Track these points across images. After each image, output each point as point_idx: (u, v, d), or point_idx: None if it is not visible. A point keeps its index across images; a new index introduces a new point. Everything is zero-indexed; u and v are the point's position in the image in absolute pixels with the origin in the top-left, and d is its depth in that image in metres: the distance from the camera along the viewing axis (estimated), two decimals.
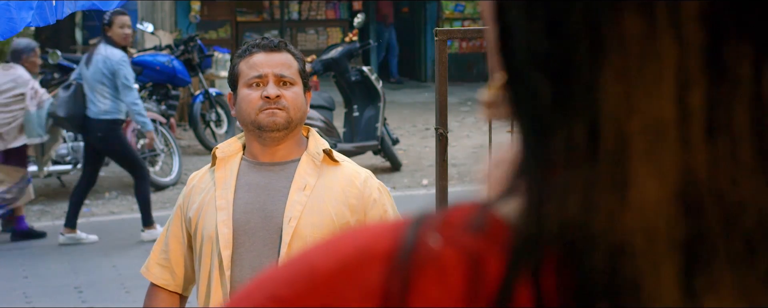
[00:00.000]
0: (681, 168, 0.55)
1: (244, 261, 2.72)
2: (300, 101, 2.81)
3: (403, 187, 9.71)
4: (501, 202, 0.62)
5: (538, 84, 0.58)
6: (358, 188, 2.77)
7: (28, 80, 8.18)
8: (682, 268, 0.55)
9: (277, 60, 2.82)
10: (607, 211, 0.55)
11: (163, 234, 2.92)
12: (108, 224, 8.54)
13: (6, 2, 4.76)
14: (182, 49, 11.45)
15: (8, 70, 8.17)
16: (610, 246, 0.56)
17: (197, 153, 11.31)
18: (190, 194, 2.84)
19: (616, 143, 0.55)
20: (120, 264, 7.33)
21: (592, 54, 0.56)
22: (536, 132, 0.58)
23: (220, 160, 2.81)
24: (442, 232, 0.60)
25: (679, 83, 0.55)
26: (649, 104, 0.55)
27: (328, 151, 2.81)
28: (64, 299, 6.56)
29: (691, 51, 0.55)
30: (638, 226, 0.55)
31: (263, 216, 2.74)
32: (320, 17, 17.36)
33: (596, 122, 0.56)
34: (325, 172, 2.78)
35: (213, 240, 2.73)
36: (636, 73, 0.55)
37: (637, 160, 0.55)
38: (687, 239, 0.55)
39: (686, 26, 0.55)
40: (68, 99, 7.99)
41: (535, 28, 0.57)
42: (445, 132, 3.24)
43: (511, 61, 0.60)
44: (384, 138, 10.07)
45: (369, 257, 0.60)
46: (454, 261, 0.59)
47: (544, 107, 0.57)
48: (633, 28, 0.55)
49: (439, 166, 3.26)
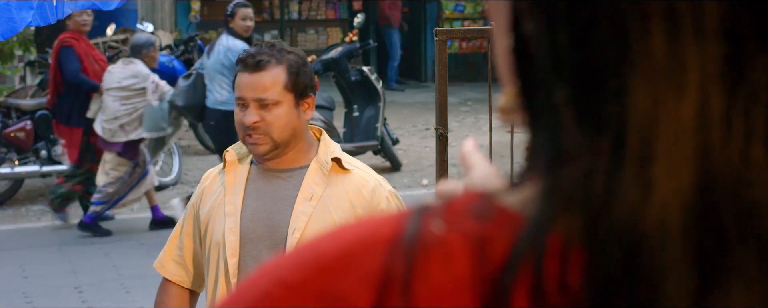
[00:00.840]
0: (700, 171, 0.57)
1: (250, 269, 2.71)
2: (283, 121, 2.75)
3: (403, 187, 9.71)
4: (505, 192, 0.63)
5: (562, 93, 0.59)
6: (366, 198, 2.74)
7: (148, 75, 8.34)
8: (697, 266, 0.57)
9: (257, 83, 2.76)
10: (629, 206, 0.57)
11: (178, 230, 2.91)
12: (108, 225, 8.53)
13: (6, 2, 4.76)
14: (182, 49, 11.45)
15: (128, 65, 8.32)
16: (629, 241, 0.57)
17: (197, 153, 11.31)
18: (203, 195, 2.84)
19: (642, 147, 0.57)
20: (120, 264, 7.33)
21: (620, 63, 0.58)
22: (554, 137, 0.60)
23: (230, 164, 2.80)
24: (445, 219, 0.61)
25: (702, 91, 0.57)
26: (674, 111, 0.57)
27: (338, 160, 2.77)
28: (64, 299, 6.57)
29: (712, 61, 0.57)
30: (658, 224, 0.57)
31: (269, 226, 2.73)
32: (320, 17, 17.36)
33: (623, 126, 0.57)
34: (333, 181, 2.75)
35: (220, 246, 2.73)
36: (663, 81, 0.57)
37: (661, 162, 0.57)
38: (703, 238, 0.57)
39: (709, 36, 0.57)
40: (188, 88, 8.18)
41: (560, 40, 0.59)
42: (445, 132, 3.24)
43: (528, 71, 0.61)
44: (384, 138, 10.07)
45: (373, 242, 0.62)
46: (459, 244, 0.60)
47: (567, 114, 0.59)
48: (659, 37, 0.57)
49: (439, 166, 3.26)
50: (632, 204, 0.57)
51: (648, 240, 0.57)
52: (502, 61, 0.65)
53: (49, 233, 8.42)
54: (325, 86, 12.30)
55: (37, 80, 12.06)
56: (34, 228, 8.62)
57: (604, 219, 0.57)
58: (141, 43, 8.44)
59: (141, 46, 8.40)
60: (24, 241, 8.20)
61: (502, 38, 0.65)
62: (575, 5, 0.58)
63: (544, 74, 0.60)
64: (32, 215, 9.07)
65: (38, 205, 9.42)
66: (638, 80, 0.57)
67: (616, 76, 0.58)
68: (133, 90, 8.28)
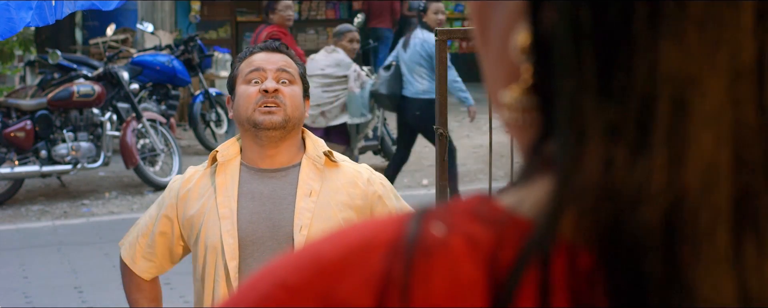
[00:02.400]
0: (734, 126, 0.57)
1: (253, 272, 2.69)
2: (298, 101, 2.79)
3: (403, 187, 9.71)
4: (506, 193, 0.63)
5: (587, 70, 0.58)
6: (361, 188, 2.77)
7: (350, 63, 8.68)
8: (733, 226, 0.57)
9: (277, 57, 2.82)
10: (663, 170, 0.56)
11: (148, 228, 2.90)
12: (108, 224, 8.54)
13: (6, 2, 4.75)
14: (182, 49, 11.45)
15: (331, 54, 8.69)
16: (669, 203, 0.56)
17: (197, 153, 11.31)
18: (188, 198, 2.80)
19: (675, 108, 0.56)
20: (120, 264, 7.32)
21: (651, 23, 0.57)
22: (573, 115, 0.59)
23: (221, 165, 2.78)
24: (446, 222, 0.61)
25: (734, 47, 0.56)
26: (707, 69, 0.56)
27: (329, 153, 2.80)
28: (64, 299, 6.56)
29: (745, 15, 0.57)
30: (698, 183, 0.56)
31: (271, 226, 2.72)
32: (320, 17, 17.36)
33: (654, 90, 0.57)
34: (327, 175, 2.77)
35: (218, 250, 2.71)
36: (695, 41, 0.57)
37: (695, 121, 0.56)
38: (739, 195, 0.57)
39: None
40: (390, 78, 8.53)
41: (582, 15, 0.58)
42: (445, 132, 3.24)
43: (544, 61, 0.60)
44: (384, 138, 10.07)
45: (373, 245, 0.61)
46: (461, 247, 0.60)
47: (587, 97, 0.58)
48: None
49: (439, 166, 3.26)
50: (665, 168, 0.56)
51: (689, 201, 0.56)
52: (497, 62, 0.64)
53: (49, 233, 8.42)
54: None
55: (37, 80, 12.07)
56: (34, 228, 8.62)
57: (635, 193, 0.57)
58: (343, 32, 8.82)
59: (341, 35, 8.79)
60: (24, 241, 8.19)
61: (497, 39, 0.64)
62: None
63: (564, 58, 0.59)
64: (32, 215, 9.07)
65: (38, 205, 9.42)
66: (670, 39, 0.57)
67: (647, 36, 0.57)
68: (334, 77, 8.64)
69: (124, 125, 9.63)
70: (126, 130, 9.55)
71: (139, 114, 9.81)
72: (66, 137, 9.58)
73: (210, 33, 16.40)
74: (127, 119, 9.77)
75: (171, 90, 11.21)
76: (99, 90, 9.64)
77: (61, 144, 9.56)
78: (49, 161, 9.50)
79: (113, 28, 11.72)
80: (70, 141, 9.59)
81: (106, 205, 9.45)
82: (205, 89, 11.33)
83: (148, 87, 10.99)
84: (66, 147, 9.56)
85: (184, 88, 11.78)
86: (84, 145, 9.60)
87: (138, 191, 9.85)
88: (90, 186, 10.13)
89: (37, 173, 9.45)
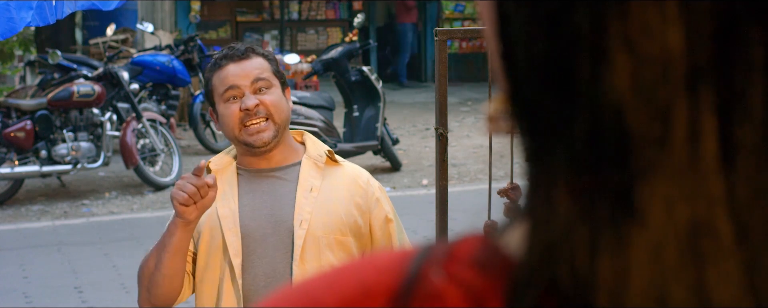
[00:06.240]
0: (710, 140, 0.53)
1: (256, 269, 2.69)
2: (281, 104, 2.76)
3: (403, 187, 9.71)
4: (508, 231, 0.60)
5: (539, 88, 0.55)
6: (362, 187, 2.78)
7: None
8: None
9: (248, 68, 2.76)
10: (610, 262, 0.53)
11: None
12: (108, 224, 8.54)
13: (6, 2, 4.76)
14: (182, 49, 11.46)
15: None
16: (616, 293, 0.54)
17: (197, 153, 11.31)
18: None
19: (619, 144, 0.53)
20: (120, 264, 7.32)
21: (595, 53, 0.53)
22: (539, 147, 0.56)
23: (216, 172, 2.76)
24: (446, 267, 0.59)
25: (689, 74, 0.53)
26: (656, 100, 0.53)
27: (330, 152, 2.80)
28: (64, 299, 6.56)
29: (701, 41, 0.53)
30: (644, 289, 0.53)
31: (272, 222, 2.71)
32: (320, 17, 17.36)
33: (601, 121, 0.53)
34: (328, 173, 2.78)
35: (221, 249, 2.70)
36: (642, 69, 0.53)
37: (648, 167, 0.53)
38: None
39: (697, 15, 0.53)
40: None
41: (535, 31, 0.55)
42: (445, 132, 3.24)
43: (513, 71, 0.58)
44: (384, 138, 10.07)
45: (372, 294, 0.60)
46: (456, 300, 0.58)
47: (546, 114, 0.56)
48: (644, 17, 0.53)
49: (439, 166, 3.25)
50: (610, 262, 0.53)
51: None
52: (494, 63, 0.63)
53: (49, 233, 8.41)
54: (325, 86, 12.31)
55: (37, 80, 12.07)
56: (34, 228, 8.62)
57: (588, 279, 0.54)
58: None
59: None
60: (24, 241, 8.19)
61: (489, 41, 0.62)
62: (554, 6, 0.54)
63: (523, 75, 0.56)
64: (32, 215, 9.07)
65: (38, 205, 9.42)
66: (614, 68, 0.53)
67: (591, 65, 0.53)
68: None
69: (124, 125, 9.63)
70: (126, 130, 9.55)
71: (139, 114, 9.81)
72: (66, 137, 9.59)
73: (210, 33, 16.41)
74: (127, 119, 9.77)
75: (171, 90, 11.22)
76: (99, 90, 9.64)
77: (61, 144, 9.56)
78: (49, 161, 9.50)
79: (113, 28, 11.73)
80: (70, 141, 9.60)
81: (106, 205, 9.45)
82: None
83: (148, 87, 10.99)
84: (66, 147, 9.56)
85: (184, 88, 11.78)
86: (84, 145, 9.60)
87: (138, 191, 9.85)
88: (90, 186, 10.13)
89: (37, 173, 9.46)
